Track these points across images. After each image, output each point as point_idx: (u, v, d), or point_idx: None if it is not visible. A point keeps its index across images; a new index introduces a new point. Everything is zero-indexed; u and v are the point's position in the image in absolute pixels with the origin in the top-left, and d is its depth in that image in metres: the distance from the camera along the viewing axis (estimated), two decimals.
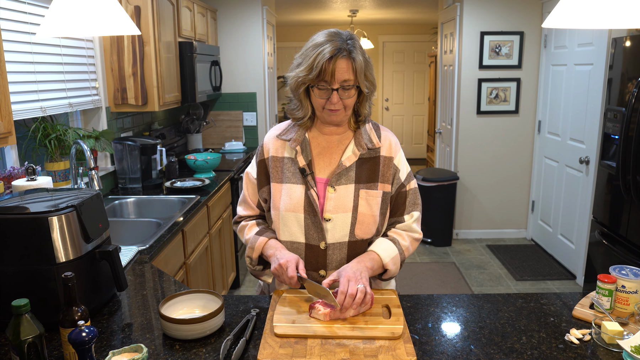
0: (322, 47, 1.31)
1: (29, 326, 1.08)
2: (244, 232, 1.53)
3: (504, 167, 4.76)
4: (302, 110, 1.43)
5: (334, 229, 1.41)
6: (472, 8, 4.46)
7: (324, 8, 6.38)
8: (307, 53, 1.35)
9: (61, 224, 1.31)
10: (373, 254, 1.42)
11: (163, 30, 3.11)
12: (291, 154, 1.46)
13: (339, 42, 1.32)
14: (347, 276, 1.30)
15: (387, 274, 1.46)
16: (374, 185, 1.44)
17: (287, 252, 1.40)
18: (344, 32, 1.37)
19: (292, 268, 1.33)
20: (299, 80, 1.36)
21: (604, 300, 1.36)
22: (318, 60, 1.31)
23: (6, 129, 1.58)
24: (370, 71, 1.38)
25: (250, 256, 1.48)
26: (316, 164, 1.46)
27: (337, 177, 1.42)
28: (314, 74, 1.32)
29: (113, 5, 1.56)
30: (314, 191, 1.41)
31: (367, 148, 1.44)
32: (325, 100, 1.37)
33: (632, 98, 2.66)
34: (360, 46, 1.36)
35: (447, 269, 4.16)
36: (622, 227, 2.85)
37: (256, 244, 1.46)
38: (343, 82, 1.33)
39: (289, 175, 1.44)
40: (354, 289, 1.26)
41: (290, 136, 1.47)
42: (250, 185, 1.54)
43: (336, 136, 1.47)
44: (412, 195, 1.50)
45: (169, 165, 3.34)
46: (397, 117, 8.77)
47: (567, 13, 1.16)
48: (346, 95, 1.36)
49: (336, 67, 1.31)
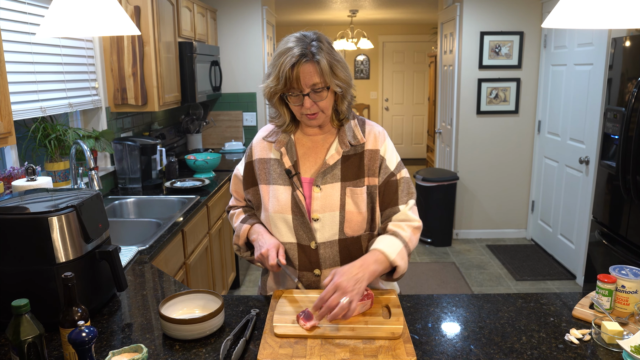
0: (286, 55, 1.31)
1: (29, 326, 1.08)
2: (233, 219, 1.59)
3: (503, 167, 4.76)
4: (280, 118, 1.45)
5: (322, 228, 1.41)
6: (472, 8, 4.46)
7: (324, 8, 6.38)
8: (274, 62, 1.35)
9: (61, 224, 1.31)
10: (378, 254, 1.35)
11: (163, 31, 3.11)
12: (277, 155, 1.46)
13: (302, 46, 1.31)
14: (337, 283, 1.24)
15: (397, 272, 1.39)
16: (360, 181, 1.43)
17: (269, 238, 1.43)
18: (310, 34, 1.35)
19: (272, 256, 1.37)
20: (271, 91, 1.36)
21: (603, 300, 1.36)
22: (283, 69, 1.31)
23: (6, 129, 1.58)
24: (340, 70, 1.35)
25: (237, 243, 1.53)
26: (302, 164, 1.46)
27: (321, 176, 1.42)
28: (281, 82, 1.32)
29: (113, 5, 1.56)
30: (299, 192, 1.41)
31: (351, 145, 1.43)
32: (300, 106, 1.36)
33: (632, 98, 2.66)
34: (327, 47, 1.34)
35: (447, 269, 4.16)
36: (622, 227, 2.85)
37: (241, 231, 1.50)
38: (312, 85, 1.32)
39: (275, 176, 1.45)
40: (335, 301, 1.21)
41: (275, 138, 1.48)
42: (237, 182, 1.58)
43: (320, 136, 1.48)
44: (404, 184, 1.46)
45: (169, 166, 3.34)
46: (397, 117, 8.77)
47: (567, 13, 1.16)
48: (319, 98, 1.35)
49: (301, 72, 1.30)
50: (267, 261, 1.37)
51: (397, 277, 1.41)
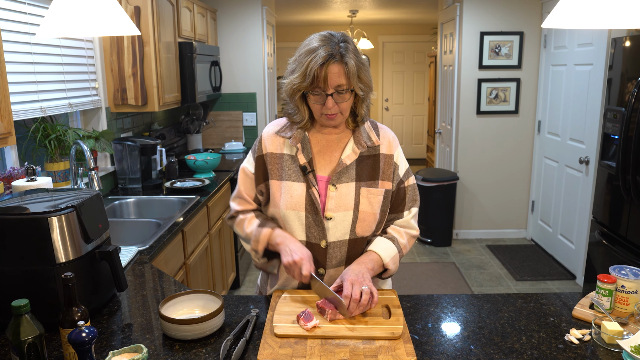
0: (315, 53, 1.30)
1: (29, 326, 1.08)
2: (244, 225, 1.51)
3: (504, 167, 4.76)
4: (299, 115, 1.43)
5: (335, 227, 1.42)
6: (472, 8, 4.46)
7: (324, 8, 6.38)
8: (300, 59, 1.34)
9: (61, 225, 1.31)
10: (373, 255, 1.42)
11: (163, 31, 3.11)
12: (291, 151, 1.45)
13: (331, 46, 1.31)
14: (351, 280, 1.30)
15: (387, 273, 1.47)
16: (375, 183, 1.44)
17: (299, 246, 1.39)
18: (337, 35, 1.35)
19: (307, 267, 1.34)
20: (294, 87, 1.36)
21: (603, 300, 1.36)
22: (311, 67, 1.30)
23: (6, 129, 1.58)
24: (364, 73, 1.36)
25: (256, 249, 1.46)
26: (316, 162, 1.45)
27: (338, 176, 1.42)
28: (307, 81, 1.32)
29: (113, 5, 1.56)
30: (315, 189, 1.41)
31: (367, 146, 1.45)
32: (321, 105, 1.37)
33: (632, 98, 2.66)
34: (354, 48, 1.35)
35: (447, 269, 4.16)
36: (622, 227, 2.85)
37: (260, 235, 1.44)
38: (337, 86, 1.33)
39: (289, 172, 1.44)
40: (357, 292, 1.27)
41: (290, 133, 1.46)
42: (247, 180, 1.52)
43: (335, 135, 1.48)
44: (411, 192, 1.51)
45: (169, 166, 3.34)
46: (397, 117, 8.77)
47: (567, 13, 1.16)
48: (341, 99, 1.35)
49: (329, 72, 1.31)
50: (301, 270, 1.33)
51: (385, 277, 1.50)
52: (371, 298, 1.28)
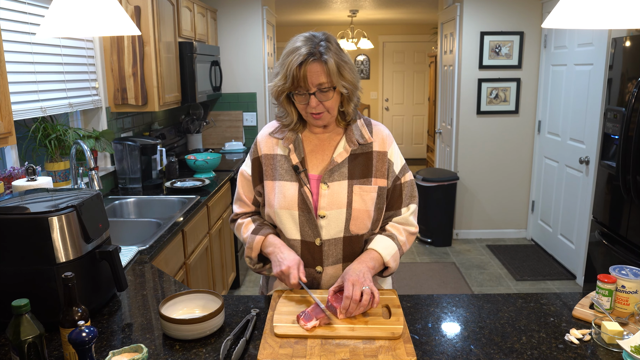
0: (294, 54, 1.32)
1: (29, 326, 1.08)
2: (241, 230, 1.54)
3: (504, 167, 4.76)
4: (288, 117, 1.45)
5: (328, 225, 1.42)
6: (472, 8, 4.46)
7: (324, 8, 6.38)
8: (282, 61, 1.36)
9: (61, 224, 1.31)
10: (374, 253, 1.43)
11: (163, 31, 3.11)
12: (284, 151, 1.47)
13: (311, 46, 1.32)
14: (351, 280, 1.31)
15: (388, 271, 1.47)
16: (368, 180, 1.45)
17: (288, 253, 1.40)
18: (319, 35, 1.36)
19: (294, 275, 1.34)
20: (278, 89, 1.37)
21: (604, 300, 1.36)
22: (289, 68, 1.32)
23: (6, 129, 1.58)
24: (348, 72, 1.36)
25: (250, 256, 1.48)
26: (309, 161, 1.46)
27: (329, 174, 1.43)
28: (288, 81, 1.33)
29: (113, 5, 1.56)
30: (307, 188, 1.42)
31: (359, 143, 1.45)
32: (305, 105, 1.37)
33: (632, 98, 2.66)
34: (335, 47, 1.36)
35: (447, 269, 4.16)
36: (622, 227, 2.85)
37: (254, 243, 1.46)
38: (318, 85, 1.33)
39: (282, 172, 1.45)
40: (358, 293, 1.27)
41: (283, 134, 1.48)
42: (245, 182, 1.54)
43: (327, 134, 1.48)
44: (408, 188, 1.51)
45: (169, 166, 3.34)
46: (397, 117, 8.77)
47: (567, 13, 1.16)
48: (325, 98, 1.36)
49: (308, 71, 1.31)
50: (289, 280, 1.35)
51: (386, 275, 1.49)
52: (372, 298, 1.29)
